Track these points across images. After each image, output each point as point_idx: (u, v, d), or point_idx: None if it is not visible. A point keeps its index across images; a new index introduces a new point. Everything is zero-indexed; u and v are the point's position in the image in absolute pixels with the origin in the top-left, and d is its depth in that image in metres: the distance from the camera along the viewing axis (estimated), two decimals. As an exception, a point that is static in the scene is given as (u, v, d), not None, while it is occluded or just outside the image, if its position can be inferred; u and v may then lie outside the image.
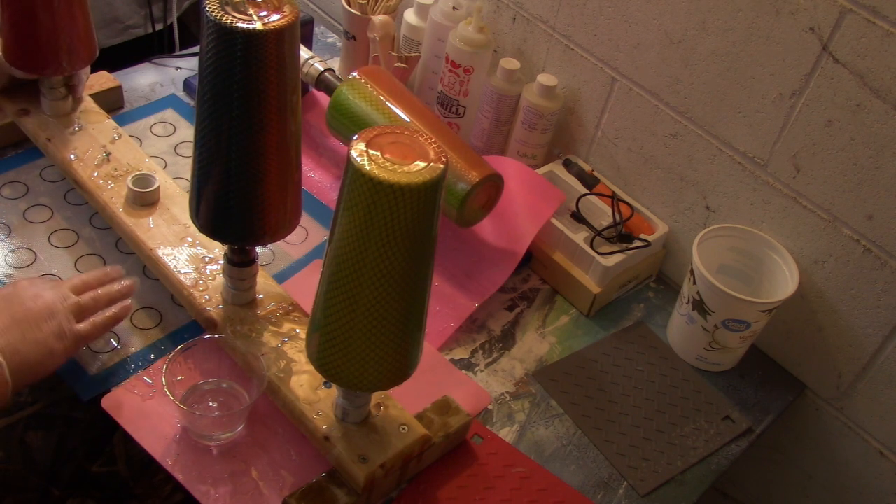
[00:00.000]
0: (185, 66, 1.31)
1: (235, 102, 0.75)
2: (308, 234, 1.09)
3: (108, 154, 1.04)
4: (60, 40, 0.99)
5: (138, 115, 1.20)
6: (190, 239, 0.96)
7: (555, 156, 1.18)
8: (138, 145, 1.10)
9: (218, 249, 0.96)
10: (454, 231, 1.09)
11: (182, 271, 0.93)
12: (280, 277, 1.02)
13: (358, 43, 1.24)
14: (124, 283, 0.90)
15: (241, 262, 0.88)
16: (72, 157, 1.03)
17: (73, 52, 1.01)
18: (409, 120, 1.04)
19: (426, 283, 0.72)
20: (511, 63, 1.13)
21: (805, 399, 1.09)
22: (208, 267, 0.94)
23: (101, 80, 1.18)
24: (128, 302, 0.89)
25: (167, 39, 1.78)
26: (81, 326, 0.83)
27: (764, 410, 1.03)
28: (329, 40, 1.45)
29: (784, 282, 1.00)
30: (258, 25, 0.72)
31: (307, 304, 0.82)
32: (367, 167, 0.63)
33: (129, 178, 0.99)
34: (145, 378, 0.89)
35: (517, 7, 1.18)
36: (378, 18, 1.17)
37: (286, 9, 0.74)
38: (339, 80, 1.10)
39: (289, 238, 0.91)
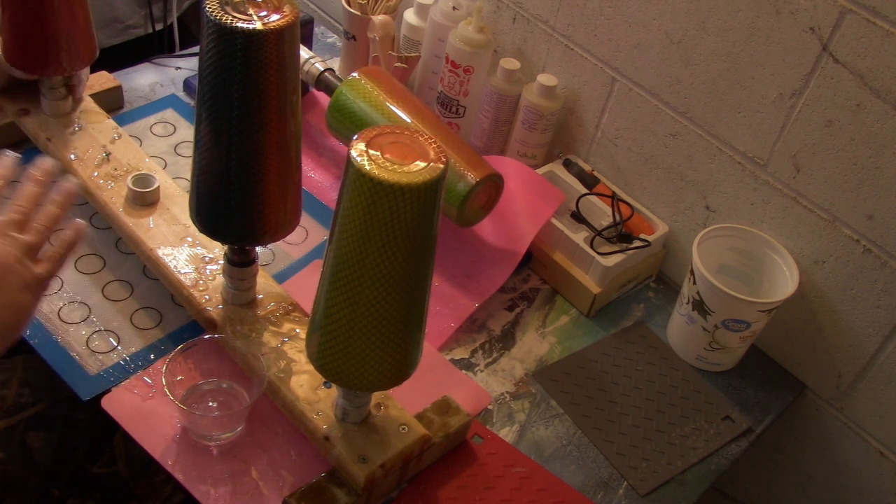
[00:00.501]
0: (185, 66, 1.31)
1: (235, 102, 0.75)
2: (308, 234, 1.09)
3: (108, 154, 1.04)
4: (61, 40, 0.99)
5: (138, 115, 1.20)
6: (190, 239, 0.96)
7: (555, 156, 1.18)
8: (138, 145, 1.10)
9: (218, 249, 0.96)
10: (454, 231, 1.09)
11: (182, 271, 0.93)
12: (280, 277, 1.02)
13: (358, 43, 1.24)
14: (58, 189, 0.78)
15: (241, 262, 0.88)
16: (72, 157, 1.03)
17: (74, 53, 1.01)
18: (409, 120, 1.04)
19: (426, 283, 0.72)
20: (511, 63, 1.13)
21: (805, 399, 1.09)
22: (208, 267, 0.94)
23: (101, 80, 1.18)
24: (78, 221, 0.78)
25: (167, 39, 1.78)
26: (42, 269, 0.74)
27: (764, 410, 1.03)
28: (329, 40, 1.45)
29: (784, 282, 1.00)
30: (258, 25, 0.72)
31: (307, 304, 0.82)
32: (367, 167, 0.63)
33: (129, 178, 0.99)
34: (145, 378, 0.89)
35: (517, 7, 1.18)
36: (378, 18, 1.17)
37: (286, 9, 0.74)
38: (339, 80, 1.10)
39: (289, 238, 0.90)
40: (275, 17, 0.73)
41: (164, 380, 0.81)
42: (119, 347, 0.92)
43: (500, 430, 0.94)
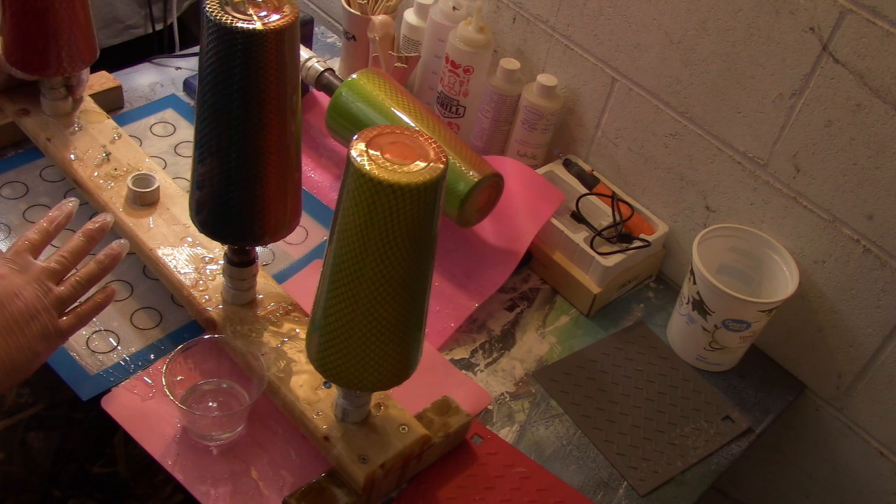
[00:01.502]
0: (185, 66, 1.31)
1: (235, 102, 0.75)
2: (308, 234, 1.09)
3: (108, 154, 1.04)
4: (61, 41, 0.99)
5: (138, 115, 1.20)
6: (190, 239, 0.96)
7: (555, 156, 1.18)
8: (138, 145, 1.10)
9: (218, 249, 0.96)
10: (454, 231, 1.09)
11: (182, 271, 0.93)
12: (280, 277, 1.02)
13: (358, 43, 1.24)
14: (106, 251, 0.81)
15: (241, 262, 0.88)
16: (72, 157, 1.03)
17: (74, 53, 1.01)
18: (409, 121, 1.04)
19: (426, 283, 0.72)
20: (511, 63, 1.13)
21: (805, 399, 1.09)
22: (208, 267, 0.94)
23: (101, 80, 1.18)
24: (111, 287, 0.82)
25: (167, 39, 1.78)
26: (65, 322, 0.77)
27: (764, 410, 1.03)
28: (329, 40, 1.45)
29: (784, 282, 1.00)
30: (258, 25, 0.72)
31: (307, 304, 0.82)
32: (367, 167, 0.63)
33: (129, 178, 0.99)
34: (145, 378, 0.89)
35: (517, 7, 1.18)
36: (378, 18, 1.17)
37: (286, 9, 0.74)
38: (339, 80, 1.10)
39: (289, 238, 0.91)
40: (275, 17, 0.73)
41: (164, 380, 0.81)
42: (119, 347, 0.92)
43: (500, 430, 0.94)
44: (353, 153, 0.64)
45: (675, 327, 1.06)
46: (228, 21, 0.72)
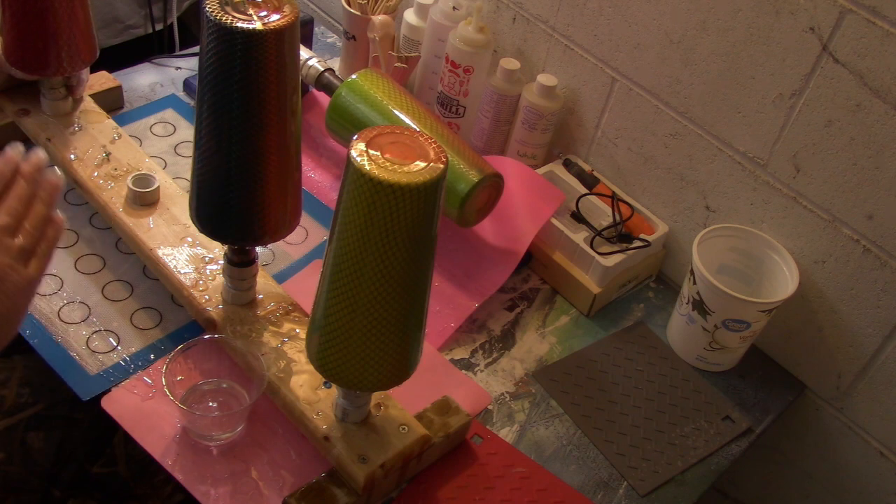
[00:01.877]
0: (185, 66, 1.31)
1: (235, 102, 0.75)
2: (308, 234, 1.09)
3: (108, 154, 1.04)
4: (61, 41, 0.99)
5: (138, 115, 1.20)
6: (190, 239, 0.96)
7: (555, 156, 1.18)
8: (138, 145, 1.10)
9: (218, 249, 0.96)
10: (454, 231, 1.09)
11: (182, 271, 0.93)
12: (280, 277, 1.02)
13: (358, 43, 1.24)
14: (45, 187, 0.77)
15: (241, 262, 0.88)
16: (72, 157, 1.03)
17: (74, 53, 1.01)
18: (409, 121, 1.04)
19: (426, 283, 0.72)
20: (511, 63, 1.13)
21: (805, 399, 1.09)
22: (208, 267, 0.94)
23: (101, 80, 1.18)
24: (59, 216, 0.78)
25: (167, 39, 1.78)
26: (33, 269, 0.74)
27: (764, 410, 1.03)
28: (329, 40, 1.45)
29: (784, 282, 1.00)
30: (258, 25, 0.72)
31: (307, 304, 0.82)
32: (367, 167, 0.63)
33: (129, 178, 0.99)
34: (145, 378, 0.89)
35: (517, 7, 1.18)
36: (378, 18, 1.17)
37: (286, 9, 0.75)
38: (339, 80, 1.10)
39: (289, 238, 0.91)
40: (275, 17, 0.73)
41: (164, 380, 0.81)
42: (119, 347, 0.92)
43: (500, 430, 0.94)
44: (353, 153, 0.64)
45: (675, 327, 1.06)
46: (228, 21, 0.72)
